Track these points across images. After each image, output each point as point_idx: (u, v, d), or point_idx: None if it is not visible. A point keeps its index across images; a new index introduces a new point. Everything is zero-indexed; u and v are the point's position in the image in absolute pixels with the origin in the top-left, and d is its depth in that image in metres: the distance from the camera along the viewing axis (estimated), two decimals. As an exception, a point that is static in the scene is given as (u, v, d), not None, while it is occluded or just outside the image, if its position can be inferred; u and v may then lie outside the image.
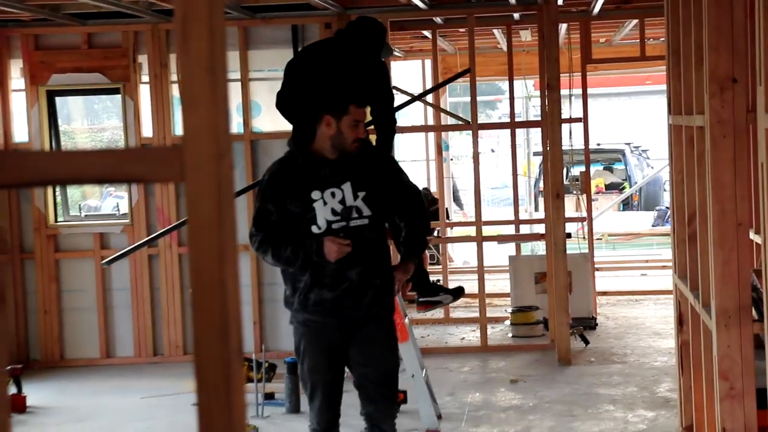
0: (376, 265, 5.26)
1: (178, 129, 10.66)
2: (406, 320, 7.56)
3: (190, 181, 1.57)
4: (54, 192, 10.27)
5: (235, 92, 10.21)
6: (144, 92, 10.47)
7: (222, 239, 1.64)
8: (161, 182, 7.29)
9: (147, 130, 10.78)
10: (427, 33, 11.41)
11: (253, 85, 10.21)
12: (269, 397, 8.79)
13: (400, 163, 6.18)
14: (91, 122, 10.07)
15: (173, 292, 10.70)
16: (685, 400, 7.27)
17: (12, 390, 8.13)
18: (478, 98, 10.92)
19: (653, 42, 13.57)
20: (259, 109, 10.48)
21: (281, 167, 5.33)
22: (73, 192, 11.55)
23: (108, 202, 11.75)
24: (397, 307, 5.88)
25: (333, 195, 5.05)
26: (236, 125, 10.46)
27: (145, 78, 10.49)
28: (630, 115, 20.68)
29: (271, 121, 9.89)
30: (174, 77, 10.57)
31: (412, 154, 20.22)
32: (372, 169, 5.31)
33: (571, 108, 11.63)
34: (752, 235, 6.42)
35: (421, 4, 9.74)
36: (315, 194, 5.02)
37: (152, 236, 9.89)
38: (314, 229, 5.04)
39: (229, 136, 1.71)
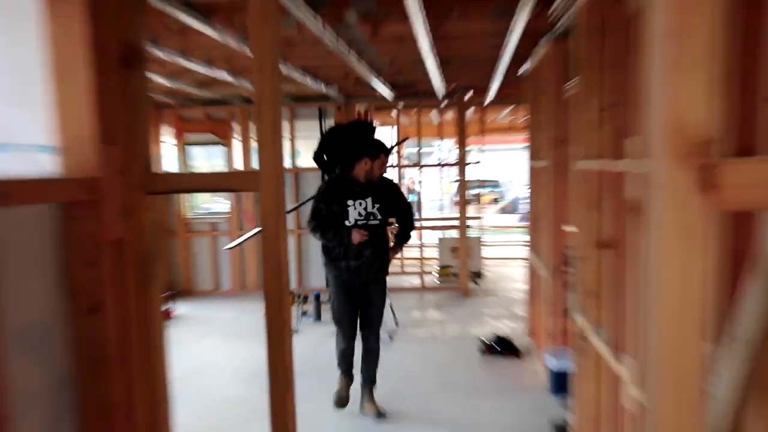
0: (381, 248, 6.07)
1: (255, 163, 12.43)
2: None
3: (262, 191, 2.23)
4: (186, 197, 11.74)
5: (286, 143, 11.16)
6: (236, 145, 11.59)
7: (278, 224, 2.24)
8: (246, 191, 8.30)
9: (238, 165, 11.57)
10: (393, 112, 12.59)
11: (296, 140, 11.32)
12: (304, 313, 9.86)
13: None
14: (208, 161, 11.59)
15: (254, 252, 11.54)
16: (529, 316, 8.28)
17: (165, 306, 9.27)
18: (423, 149, 12.50)
19: (519, 120, 15.35)
20: (299, 154, 11.50)
21: (331, 184, 6.07)
22: (197, 197, 13.14)
23: (216, 205, 13.18)
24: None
25: (360, 204, 5.87)
26: (287, 163, 11.27)
27: (237, 137, 11.55)
28: (507, 160, 24.15)
29: (306, 162, 10.82)
30: (253, 135, 11.32)
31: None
32: (385, 192, 6.09)
33: (477, 154, 13.21)
34: (565, 227, 6.77)
35: (389, 97, 10.52)
36: (349, 202, 5.85)
37: (253, 232, 11.07)
38: (346, 222, 5.86)
39: (282, 168, 2.35)
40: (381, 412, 6.23)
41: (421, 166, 12.85)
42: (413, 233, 6.71)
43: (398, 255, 6.88)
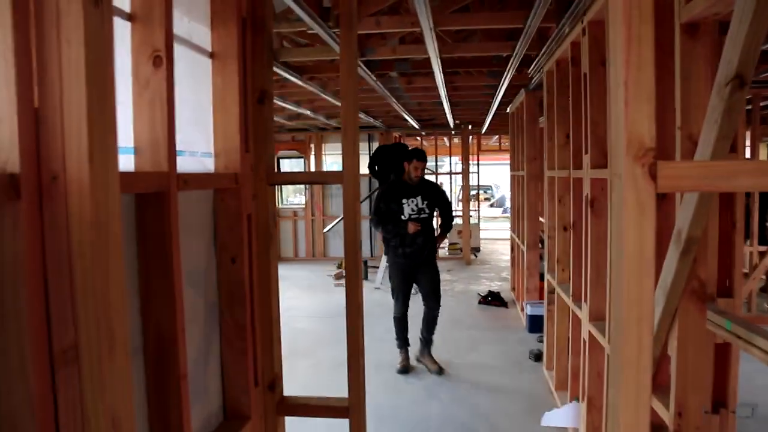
0: (430, 236, 5.35)
1: (331, 168, 12.18)
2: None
3: (345, 185, 2.22)
4: (277, 193, 12.36)
5: None
6: (312, 159, 11.70)
7: (355, 209, 2.23)
8: (333, 183, 7.76)
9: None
10: (418, 137, 12.59)
11: None
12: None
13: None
14: (291, 169, 11.83)
15: (320, 230, 11.71)
16: (512, 278, 7.90)
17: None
18: (439, 162, 13.15)
19: (504, 144, 15.33)
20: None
21: (389, 187, 5.38)
22: (285, 193, 13.18)
23: (296, 199, 13.40)
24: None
25: (412, 201, 5.16)
26: None
27: (312, 152, 11.81)
28: (495, 172, 23.52)
29: (363, 169, 11.16)
30: (325, 151, 12.02)
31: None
32: (431, 192, 5.35)
33: (475, 167, 12.79)
34: (541, 219, 6.56)
35: (416, 126, 10.36)
36: (404, 200, 5.16)
37: (340, 218, 11.33)
38: (402, 217, 5.16)
39: (358, 171, 2.28)
40: (440, 368, 5.44)
41: (437, 174, 12.86)
42: (453, 224, 5.98)
43: (443, 242, 6.07)
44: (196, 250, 2.03)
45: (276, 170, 2.44)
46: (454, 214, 6.60)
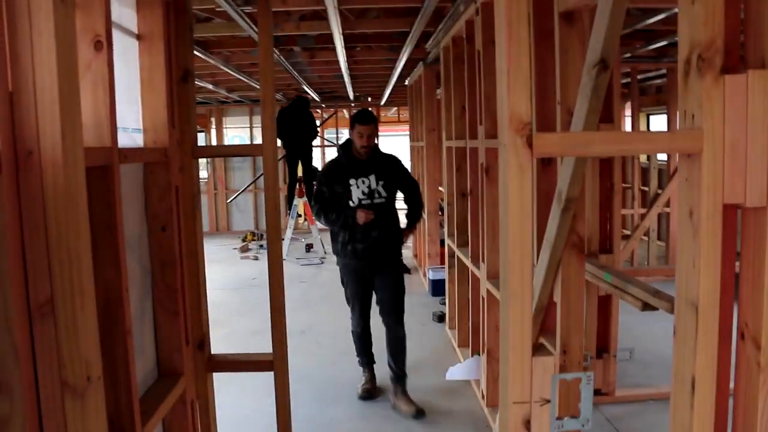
0: (390, 227, 4.25)
1: (232, 141, 13.24)
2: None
3: (264, 156, 3.89)
4: None
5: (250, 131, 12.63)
6: (213, 132, 12.48)
7: (275, 182, 3.90)
8: (254, 155, 7.07)
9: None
10: (318, 110, 12.06)
11: (255, 129, 12.17)
12: (261, 246, 8.40)
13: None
14: None
15: (223, 203, 12.62)
16: (415, 245, 7.73)
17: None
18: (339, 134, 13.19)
19: (403, 115, 15.31)
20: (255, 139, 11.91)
21: (333, 164, 4.38)
22: None
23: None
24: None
25: (363, 182, 4.12)
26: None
27: (213, 126, 12.57)
28: (395, 142, 23.61)
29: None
30: (226, 125, 12.86)
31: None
32: (389, 168, 4.28)
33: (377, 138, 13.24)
34: (440, 188, 6.71)
35: (317, 99, 10.58)
36: (351, 181, 4.11)
37: (241, 190, 11.55)
38: (350, 203, 4.11)
39: (276, 143, 3.50)
40: (417, 410, 4.18)
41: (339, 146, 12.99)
42: (422, 212, 4.86)
43: (409, 237, 4.67)
44: (131, 219, 2.20)
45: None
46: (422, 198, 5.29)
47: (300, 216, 10.19)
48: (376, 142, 4.32)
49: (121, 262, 1.88)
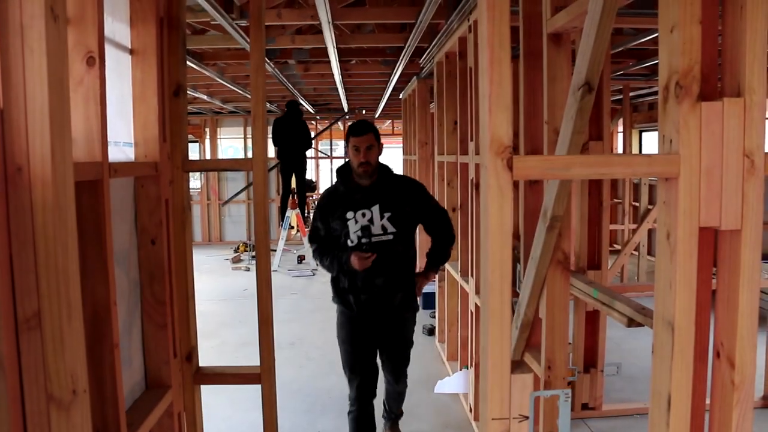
0: (401, 273, 3.37)
1: (221, 155, 12.55)
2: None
3: (255, 171, 4.35)
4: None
5: (247, 142, 12.33)
6: (207, 142, 12.23)
7: (264, 192, 5.15)
8: (244, 170, 5.31)
9: (207, 156, 12.24)
10: (313, 121, 12.19)
11: (249, 139, 11.73)
12: (253, 257, 10.18)
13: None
14: None
15: (216, 215, 12.29)
16: None
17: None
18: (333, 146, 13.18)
19: (396, 128, 15.42)
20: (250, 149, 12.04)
21: (329, 193, 3.45)
22: None
23: (192, 182, 13.19)
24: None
25: (363, 215, 3.26)
26: (249, 154, 12.67)
27: (207, 136, 12.57)
28: (388, 155, 23.49)
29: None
30: (221, 135, 13.00)
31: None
32: (401, 196, 3.33)
33: None
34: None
35: (311, 111, 10.66)
36: (349, 214, 3.27)
37: (236, 193, 11.58)
38: (348, 242, 3.29)
39: (267, 157, 3.26)
40: None
41: (332, 158, 13.05)
42: (451, 247, 3.62)
43: (427, 283, 3.68)
44: (120, 232, 2.22)
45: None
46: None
47: (292, 228, 10.18)
48: (378, 158, 3.30)
49: (110, 275, 1.90)
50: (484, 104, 1.36)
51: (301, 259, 9.62)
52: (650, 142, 10.02)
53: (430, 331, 6.11)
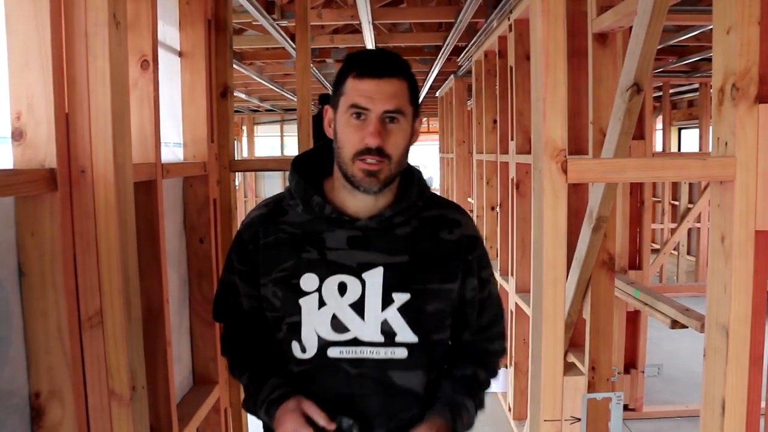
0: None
1: (259, 152, 13.23)
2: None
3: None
4: None
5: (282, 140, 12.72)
6: (244, 140, 12.98)
7: None
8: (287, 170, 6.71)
9: (244, 154, 13.52)
10: None
11: (285, 136, 12.49)
12: None
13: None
14: None
15: None
16: None
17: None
18: None
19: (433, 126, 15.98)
20: (286, 146, 12.90)
21: (260, 221, 1.30)
22: None
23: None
24: None
25: (342, 289, 1.19)
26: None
27: (245, 134, 13.02)
28: (425, 153, 23.34)
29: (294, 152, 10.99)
30: (257, 133, 13.08)
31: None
32: (436, 250, 1.25)
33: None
34: (469, 199, 6.65)
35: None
36: (307, 280, 1.20)
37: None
38: (296, 350, 1.23)
39: None
40: None
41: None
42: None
43: None
44: (170, 231, 2.26)
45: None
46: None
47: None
48: (405, 150, 1.25)
49: (163, 274, 1.94)
50: (537, 108, 1.37)
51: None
52: (689, 140, 9.87)
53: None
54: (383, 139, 1.17)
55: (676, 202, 8.08)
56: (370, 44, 4.68)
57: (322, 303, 1.21)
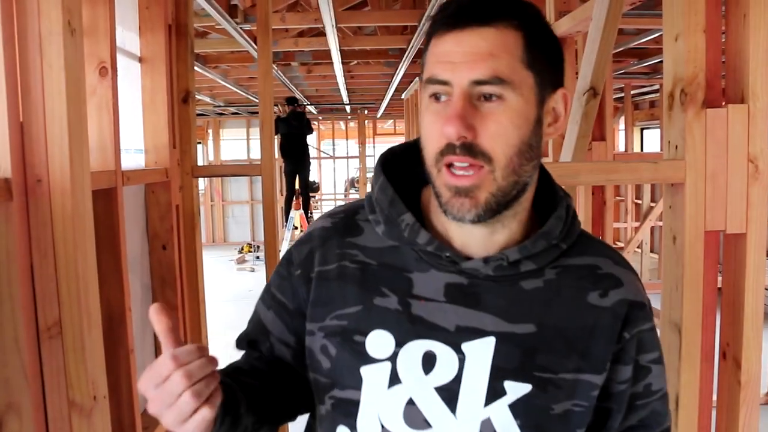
0: None
1: (225, 155, 13.22)
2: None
3: (263, 175, 3.02)
4: None
5: (247, 142, 12.75)
6: (210, 144, 12.98)
7: (272, 195, 3.21)
8: (252, 175, 7.59)
9: (210, 158, 13.42)
10: (315, 122, 12.39)
11: (252, 140, 12.37)
12: (258, 257, 9.77)
13: None
14: None
15: (220, 215, 12.50)
16: None
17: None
18: (335, 146, 13.18)
19: (399, 127, 15.59)
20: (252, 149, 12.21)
21: (323, 240, 0.84)
22: None
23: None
24: None
25: (429, 362, 0.75)
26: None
27: (210, 137, 12.78)
28: None
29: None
30: (223, 136, 13.01)
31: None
32: (574, 317, 0.77)
33: (371, 150, 12.87)
34: None
35: (314, 111, 10.90)
36: (376, 340, 0.77)
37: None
38: None
39: (274, 163, 3.68)
40: None
41: (335, 158, 13.15)
42: None
43: None
44: (132, 238, 2.25)
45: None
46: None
47: (296, 228, 10.20)
48: (530, 158, 0.75)
49: (124, 282, 1.93)
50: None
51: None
52: (652, 140, 10.04)
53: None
54: (472, 127, 0.70)
55: (639, 201, 8.20)
56: (334, 48, 4.69)
57: (395, 379, 0.77)
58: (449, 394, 0.75)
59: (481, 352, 0.75)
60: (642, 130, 10.01)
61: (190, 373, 0.64)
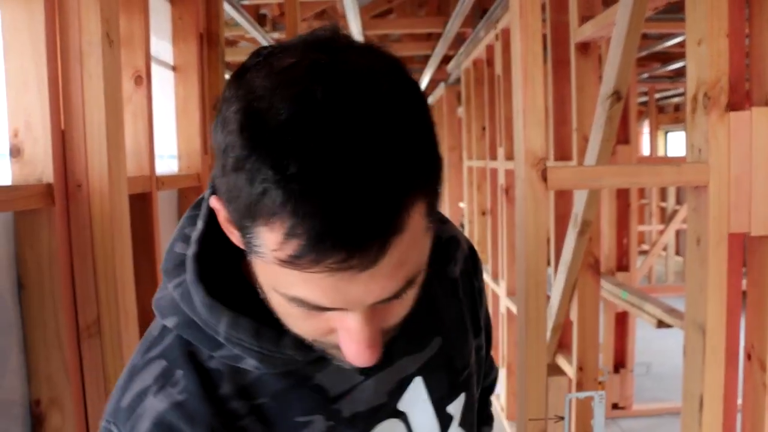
0: None
1: None
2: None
3: None
4: None
5: None
6: None
7: None
8: None
9: None
10: None
11: None
12: None
13: None
14: None
15: None
16: None
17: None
18: None
19: None
20: None
21: (182, 402, 0.57)
22: None
23: None
24: None
25: None
26: None
27: None
28: None
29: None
30: None
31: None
32: (451, 297, 0.75)
33: None
34: (460, 204, 6.53)
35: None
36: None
37: None
38: None
39: None
40: None
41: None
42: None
43: None
44: (167, 240, 2.30)
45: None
46: None
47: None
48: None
49: (159, 284, 1.97)
50: (518, 119, 1.40)
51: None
52: (676, 143, 9.95)
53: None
54: (380, 337, 0.54)
55: (664, 204, 8.13)
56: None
57: None
58: None
59: (416, 399, 0.68)
60: (666, 133, 9.92)
61: None
